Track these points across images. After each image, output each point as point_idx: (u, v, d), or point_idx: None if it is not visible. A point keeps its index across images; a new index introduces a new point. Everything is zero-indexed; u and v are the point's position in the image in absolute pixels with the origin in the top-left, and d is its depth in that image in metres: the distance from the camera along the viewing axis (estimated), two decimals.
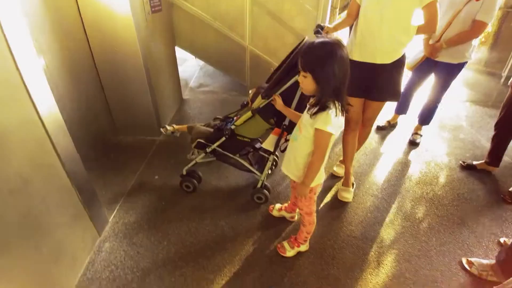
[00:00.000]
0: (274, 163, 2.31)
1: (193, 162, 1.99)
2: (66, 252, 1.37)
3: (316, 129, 1.14)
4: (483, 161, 2.35)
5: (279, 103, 1.50)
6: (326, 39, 1.08)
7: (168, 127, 2.00)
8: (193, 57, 5.27)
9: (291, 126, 1.57)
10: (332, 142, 1.21)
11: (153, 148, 2.56)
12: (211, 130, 1.92)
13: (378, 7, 1.58)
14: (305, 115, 1.22)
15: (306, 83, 1.13)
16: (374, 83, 1.76)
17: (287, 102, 1.52)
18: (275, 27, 3.17)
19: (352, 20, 1.77)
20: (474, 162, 2.39)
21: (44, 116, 1.16)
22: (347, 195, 2.03)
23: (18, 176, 1.04)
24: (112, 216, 1.85)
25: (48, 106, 1.19)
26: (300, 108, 1.51)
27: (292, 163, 1.35)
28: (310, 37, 1.38)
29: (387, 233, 1.79)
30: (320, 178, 1.34)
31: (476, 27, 2.02)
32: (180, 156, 2.40)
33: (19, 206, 1.06)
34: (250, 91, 1.77)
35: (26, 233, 1.11)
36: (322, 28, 1.65)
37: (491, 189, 2.19)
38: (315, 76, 1.08)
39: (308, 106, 1.21)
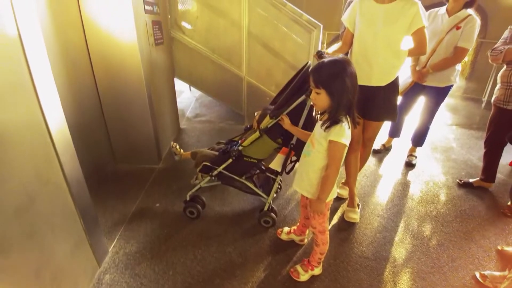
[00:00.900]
0: (279, 187, 2.30)
1: (198, 186, 1.95)
2: (67, 281, 1.27)
3: (331, 141, 1.17)
4: (478, 178, 2.43)
5: (286, 122, 1.54)
6: (336, 58, 1.16)
7: (177, 147, 2.00)
8: (189, 89, 5.44)
9: (298, 145, 1.59)
10: (345, 156, 1.24)
11: (152, 176, 2.51)
12: (216, 153, 1.92)
13: (370, 35, 1.71)
14: (318, 130, 1.26)
15: (319, 99, 1.18)
16: (371, 104, 1.85)
17: (294, 122, 1.57)
18: (270, 59, 3.35)
19: (347, 48, 1.90)
20: (470, 180, 2.46)
21: (54, 132, 1.14)
22: (354, 216, 2.01)
23: (25, 192, 1.00)
24: (112, 245, 1.75)
25: (59, 123, 1.18)
26: (307, 127, 1.56)
27: (305, 179, 1.35)
28: (312, 62, 1.48)
29: (399, 252, 1.76)
30: (333, 193, 1.34)
31: (459, 53, 2.22)
32: (181, 183, 2.37)
33: (24, 225, 1.00)
34: (256, 113, 1.81)
35: (30, 256, 1.03)
36: (322, 53, 1.76)
37: (490, 205, 2.24)
38: (329, 91, 1.13)
39: (320, 121, 1.25)
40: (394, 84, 1.83)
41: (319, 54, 1.73)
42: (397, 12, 1.62)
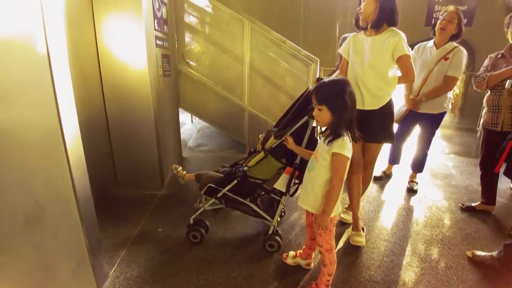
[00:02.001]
0: (283, 210, 2.29)
1: (202, 209, 1.95)
2: None
3: (334, 154, 1.22)
4: (480, 202, 2.45)
5: (290, 142, 1.60)
6: (335, 78, 1.26)
7: (179, 169, 2.03)
8: (191, 120, 5.59)
9: (302, 164, 1.64)
10: (348, 168, 1.28)
11: (155, 202, 2.50)
12: (221, 175, 1.95)
13: (359, 63, 1.88)
14: (321, 145, 1.32)
15: (322, 115, 1.26)
16: (367, 127, 1.92)
17: (298, 142, 1.63)
18: (270, 90, 3.52)
19: (344, 75, 2.04)
20: (473, 204, 2.48)
21: (69, 147, 1.19)
22: (360, 239, 1.98)
23: (36, 203, 1.02)
24: (113, 270, 1.69)
25: (74, 139, 1.23)
26: (309, 147, 1.62)
27: (310, 194, 1.38)
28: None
29: (408, 275, 1.71)
30: (338, 208, 1.36)
31: (449, 81, 2.38)
32: (184, 209, 2.35)
33: (33, 236, 1.00)
34: (260, 136, 1.88)
35: (35, 270, 1.02)
36: (322, 79, 1.89)
37: (495, 227, 2.24)
38: (330, 107, 1.22)
39: (322, 137, 1.32)
40: (387, 108, 1.92)
41: (319, 81, 1.86)
42: (381, 42, 1.79)
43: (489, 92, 2.20)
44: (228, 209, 2.15)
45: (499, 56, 2.18)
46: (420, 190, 2.87)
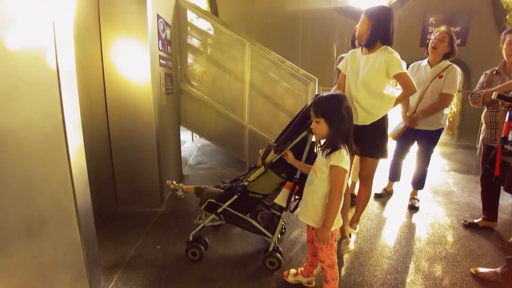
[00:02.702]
0: (283, 227, 2.26)
1: (201, 225, 1.93)
2: None
3: (332, 166, 1.24)
4: (482, 218, 2.43)
5: (290, 156, 1.63)
6: (333, 93, 1.31)
7: (174, 183, 2.03)
8: (192, 139, 5.64)
9: (302, 179, 1.65)
10: (347, 181, 1.29)
11: (154, 219, 2.47)
12: (222, 190, 1.96)
13: (354, 79, 1.95)
14: (319, 158, 1.34)
15: (319, 127, 1.29)
16: (361, 141, 1.94)
17: (297, 156, 1.65)
18: (270, 108, 3.60)
19: (342, 90, 2.10)
20: (475, 220, 2.45)
21: (73, 158, 1.21)
22: (347, 246, 2.03)
23: (38, 212, 1.02)
24: (110, 287, 1.66)
25: (78, 150, 1.26)
26: (309, 161, 1.64)
27: (310, 208, 1.38)
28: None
29: None
30: (338, 222, 1.35)
31: (444, 99, 2.44)
32: (183, 226, 2.33)
33: (33, 246, 1.00)
34: (260, 151, 1.91)
35: (33, 282, 1.00)
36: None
37: (498, 243, 2.21)
38: (327, 119, 1.25)
39: (320, 150, 1.35)
40: (379, 124, 1.95)
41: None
42: (374, 59, 1.85)
43: (486, 109, 2.24)
44: (228, 226, 2.13)
45: (494, 72, 2.24)
46: (421, 207, 2.85)
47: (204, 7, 5.86)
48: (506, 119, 1.75)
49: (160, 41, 2.51)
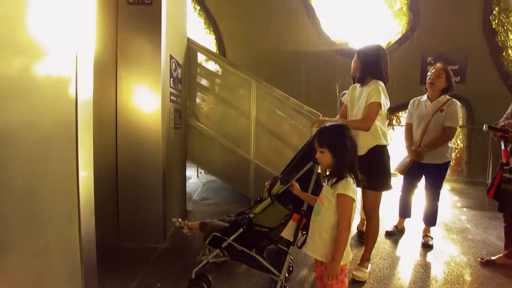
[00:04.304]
0: (291, 264, 2.15)
1: (205, 261, 1.86)
2: None
3: (338, 195, 1.23)
4: (501, 254, 2.31)
5: (296, 188, 1.62)
6: (336, 123, 1.35)
7: (180, 221, 2.00)
8: (197, 175, 5.65)
9: (309, 211, 1.62)
10: (354, 211, 1.27)
11: (155, 255, 2.39)
12: (227, 224, 1.92)
13: (351, 110, 2.10)
14: (325, 188, 1.33)
15: (323, 157, 1.31)
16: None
17: (303, 188, 1.64)
18: (276, 143, 3.65)
19: (344, 118, 2.22)
20: (493, 258, 2.33)
21: (82, 188, 1.23)
22: (360, 274, 2.02)
23: (45, 237, 1.02)
24: None
25: (88, 178, 1.28)
26: (316, 193, 1.62)
27: (318, 241, 1.33)
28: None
29: None
30: (348, 255, 1.30)
31: (447, 132, 2.48)
32: (185, 263, 2.24)
33: (36, 271, 0.98)
34: (266, 183, 1.91)
35: None
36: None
37: None
38: (331, 148, 1.28)
39: (326, 179, 1.34)
40: (374, 155, 1.98)
41: None
42: (365, 91, 1.98)
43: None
44: (232, 264, 2.05)
45: None
46: (436, 245, 2.72)
47: (213, 49, 6.29)
48: (502, 147, 1.79)
49: (171, 79, 2.66)
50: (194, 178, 5.64)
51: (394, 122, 6.18)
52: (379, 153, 2.01)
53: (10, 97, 0.89)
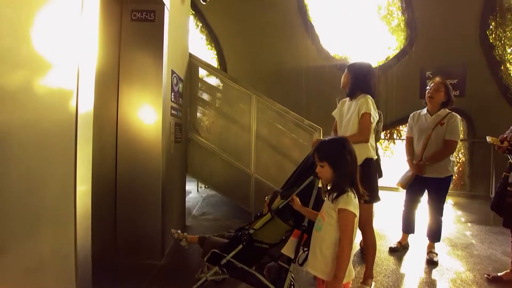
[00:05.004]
0: (292, 285, 2.09)
1: (203, 279, 1.81)
2: None
3: (340, 210, 1.21)
4: (508, 270, 2.26)
5: (297, 202, 1.59)
6: (335, 137, 1.35)
7: (179, 232, 1.96)
8: (197, 190, 5.60)
9: (310, 227, 1.58)
10: (356, 226, 1.24)
11: (153, 273, 2.32)
12: (226, 240, 1.87)
13: (340, 123, 2.19)
14: (326, 203, 1.31)
15: (323, 171, 1.30)
16: None
17: (304, 202, 1.61)
18: (276, 157, 3.63)
19: (336, 133, 2.29)
20: (499, 274, 2.28)
21: (79, 202, 1.21)
22: None
23: (39, 255, 1.00)
24: None
25: (85, 194, 1.26)
26: (317, 208, 1.59)
27: (319, 257, 1.30)
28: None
29: None
30: (350, 273, 1.26)
31: (448, 145, 2.47)
32: (183, 282, 2.17)
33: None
34: (266, 198, 1.88)
35: None
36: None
37: None
38: (331, 163, 1.26)
39: (326, 194, 1.32)
40: (364, 165, 1.97)
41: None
42: (354, 105, 2.07)
43: None
44: (232, 282, 1.99)
45: None
46: (441, 262, 2.64)
47: (214, 64, 6.39)
48: (510, 160, 1.77)
49: (172, 93, 2.69)
50: (194, 192, 5.58)
51: (395, 135, 6.18)
52: (370, 166, 2.04)
53: (10, 109, 0.90)
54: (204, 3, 3.35)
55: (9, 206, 0.90)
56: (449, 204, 4.62)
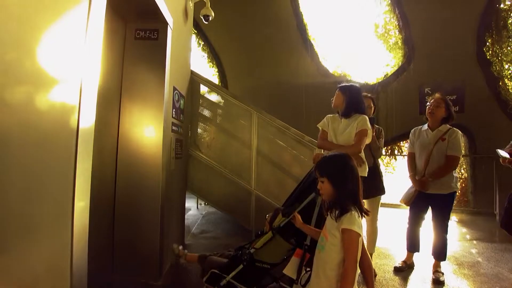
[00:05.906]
0: None
1: None
2: None
3: (343, 230, 1.17)
4: None
5: (298, 220, 1.56)
6: (337, 153, 1.33)
7: (180, 249, 1.92)
8: (197, 207, 5.52)
9: (313, 246, 1.54)
10: (361, 247, 1.20)
11: None
12: (226, 260, 1.82)
13: (333, 134, 2.27)
14: (329, 221, 1.28)
15: (324, 187, 1.28)
16: None
17: (306, 220, 1.58)
18: (277, 174, 3.61)
19: (322, 141, 2.38)
20: None
21: (76, 216, 1.19)
22: None
23: (34, 274, 0.97)
24: None
25: (83, 210, 1.24)
26: (319, 226, 1.56)
27: (323, 279, 1.25)
28: None
29: None
30: None
31: (450, 161, 2.45)
32: None
33: None
34: (267, 216, 1.84)
35: None
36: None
37: None
38: (331, 178, 1.24)
39: (328, 212, 1.29)
40: None
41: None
42: (349, 122, 2.19)
43: None
44: None
45: None
46: (447, 281, 2.56)
47: (216, 81, 6.49)
48: None
49: (174, 110, 2.70)
50: (194, 209, 5.51)
51: (396, 151, 6.17)
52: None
53: (10, 123, 0.89)
54: (206, 22, 3.44)
55: (5, 222, 0.88)
56: (453, 221, 4.54)
